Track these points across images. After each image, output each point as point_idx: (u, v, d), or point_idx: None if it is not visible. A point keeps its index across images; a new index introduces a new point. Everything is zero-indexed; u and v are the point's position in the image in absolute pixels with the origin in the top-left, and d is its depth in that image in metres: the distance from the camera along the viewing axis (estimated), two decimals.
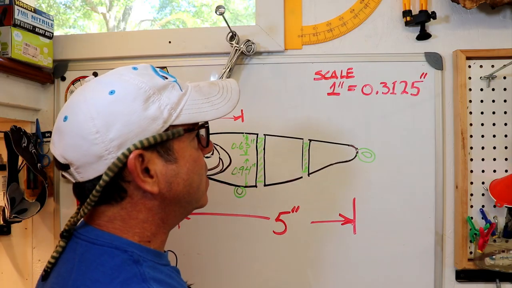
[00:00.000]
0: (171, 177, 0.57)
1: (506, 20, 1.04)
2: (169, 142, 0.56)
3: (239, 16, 1.82)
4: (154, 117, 0.54)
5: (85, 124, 0.52)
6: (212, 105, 0.61)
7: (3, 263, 1.12)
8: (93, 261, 0.53)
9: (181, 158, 0.58)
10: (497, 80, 1.02)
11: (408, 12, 1.03)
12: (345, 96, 1.05)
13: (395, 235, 1.03)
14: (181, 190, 0.58)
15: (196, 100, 0.60)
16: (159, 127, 0.55)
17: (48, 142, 1.10)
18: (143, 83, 0.55)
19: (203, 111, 0.60)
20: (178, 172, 0.57)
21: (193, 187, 0.60)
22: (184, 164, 0.58)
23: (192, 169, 0.60)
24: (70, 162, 0.54)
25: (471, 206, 1.02)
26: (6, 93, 0.97)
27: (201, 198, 0.64)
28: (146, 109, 0.54)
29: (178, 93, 0.58)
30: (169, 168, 0.56)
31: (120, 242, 0.55)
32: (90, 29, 2.10)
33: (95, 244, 0.54)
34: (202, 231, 1.06)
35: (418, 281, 1.02)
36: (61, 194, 1.10)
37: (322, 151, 1.05)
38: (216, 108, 0.62)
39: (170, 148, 0.56)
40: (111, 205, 0.56)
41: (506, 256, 0.97)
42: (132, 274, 0.51)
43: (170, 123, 0.56)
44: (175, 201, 0.59)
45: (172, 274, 0.58)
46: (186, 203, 0.61)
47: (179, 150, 0.57)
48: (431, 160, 1.03)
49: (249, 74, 1.06)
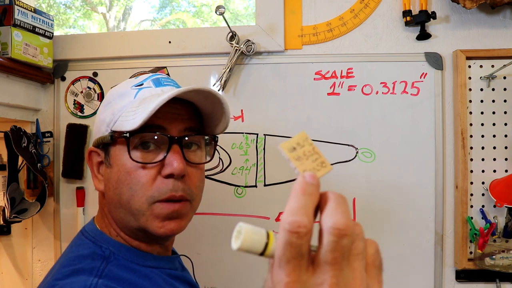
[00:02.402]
0: (106, 180, 0.60)
1: (506, 20, 1.04)
2: (109, 147, 0.59)
3: (239, 16, 1.82)
4: (103, 120, 0.60)
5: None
6: (135, 113, 0.55)
7: (3, 263, 1.12)
8: (70, 249, 0.59)
9: (115, 165, 0.58)
10: (497, 80, 1.02)
11: (408, 12, 1.03)
12: (345, 96, 1.05)
13: (395, 235, 1.03)
14: (111, 196, 0.59)
15: (131, 107, 0.57)
16: (104, 130, 0.59)
17: (48, 142, 1.10)
18: (115, 89, 0.62)
19: (127, 119, 0.55)
20: (111, 177, 0.59)
21: (122, 199, 0.56)
22: (116, 172, 0.58)
23: (123, 179, 0.56)
24: None
25: (471, 206, 1.02)
26: (6, 93, 0.97)
27: (141, 218, 0.56)
28: (103, 112, 0.61)
29: (129, 99, 0.58)
30: (107, 171, 0.60)
31: (102, 237, 0.59)
32: (90, 29, 2.10)
33: (83, 235, 0.60)
34: (202, 231, 1.06)
35: (418, 281, 1.02)
36: (61, 194, 1.10)
37: (322, 151, 1.04)
38: (133, 118, 0.54)
39: (108, 153, 0.59)
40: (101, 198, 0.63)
41: (506, 256, 0.97)
42: (89, 267, 0.52)
43: (111, 128, 0.58)
44: (116, 203, 0.58)
45: (156, 277, 0.56)
46: (126, 212, 0.57)
47: (114, 156, 0.59)
48: (431, 160, 1.03)
49: (249, 74, 1.06)
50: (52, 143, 1.10)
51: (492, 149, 1.02)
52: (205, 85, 1.03)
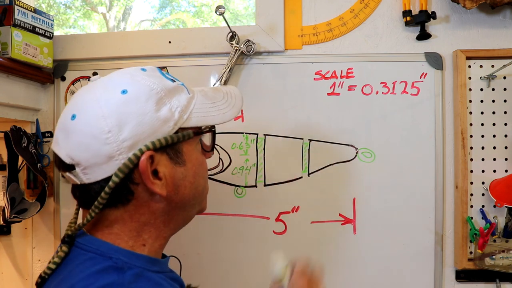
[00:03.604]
0: (179, 180, 0.57)
1: (506, 20, 1.04)
2: (178, 145, 0.56)
3: (239, 16, 1.82)
4: (166, 119, 0.54)
5: (97, 123, 0.51)
6: (219, 109, 0.62)
7: (3, 263, 1.12)
8: (75, 267, 0.52)
9: (189, 161, 0.58)
10: (497, 80, 1.02)
11: (408, 12, 1.03)
12: (345, 96, 1.05)
13: (395, 235, 1.03)
14: (187, 194, 0.58)
15: (204, 104, 0.61)
16: (170, 129, 0.54)
17: (48, 142, 1.10)
18: (155, 84, 0.55)
19: (211, 115, 0.60)
20: (186, 175, 0.57)
21: (198, 190, 0.60)
22: (191, 167, 0.58)
23: (198, 172, 0.60)
24: (78, 162, 0.52)
25: (471, 206, 1.02)
26: (6, 93, 0.97)
27: (203, 201, 0.65)
28: (159, 110, 0.53)
29: (187, 96, 0.59)
30: (178, 170, 0.56)
31: (107, 248, 0.54)
32: (90, 29, 2.10)
33: (82, 250, 0.54)
34: (202, 231, 1.06)
35: (418, 281, 1.02)
36: (61, 194, 1.10)
37: (322, 151, 1.05)
38: (223, 113, 0.63)
39: (179, 151, 0.56)
40: (115, 208, 0.55)
41: (506, 256, 0.97)
42: (109, 281, 0.49)
43: (180, 126, 0.55)
44: (180, 205, 0.58)
45: (164, 282, 0.56)
46: (190, 207, 0.61)
47: (187, 153, 0.58)
48: (431, 160, 1.03)
49: (249, 74, 1.06)
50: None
51: (492, 149, 1.02)
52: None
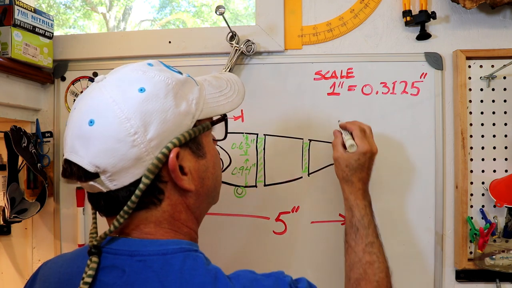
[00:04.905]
0: (203, 172, 0.57)
1: (506, 20, 1.04)
2: (198, 137, 0.56)
3: (239, 16, 1.82)
4: (186, 112, 0.53)
5: (120, 126, 0.48)
6: (226, 97, 0.62)
7: (3, 263, 1.12)
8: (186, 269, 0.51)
9: (208, 153, 0.58)
10: (497, 80, 1.02)
11: (408, 12, 1.03)
12: (345, 96, 1.05)
13: (395, 235, 1.03)
14: (211, 185, 0.59)
15: (212, 94, 0.61)
16: (189, 123, 0.54)
17: (48, 142, 1.10)
18: (169, 78, 0.54)
19: (221, 104, 0.61)
20: (208, 166, 0.58)
21: (218, 181, 0.62)
22: (211, 158, 0.59)
23: (217, 162, 0.61)
24: (104, 169, 0.49)
25: (471, 206, 1.02)
26: (6, 93, 0.97)
27: (219, 191, 0.65)
28: (178, 105, 0.52)
29: (197, 87, 0.58)
30: (200, 163, 0.57)
31: (183, 244, 0.55)
32: (90, 29, 2.10)
33: (168, 254, 0.52)
34: (201, 231, 1.05)
35: (418, 281, 1.02)
36: (61, 194, 1.10)
37: (322, 151, 1.05)
38: (231, 100, 0.63)
39: (200, 143, 0.57)
40: (149, 210, 0.53)
41: (506, 256, 0.97)
42: (215, 269, 0.52)
43: (197, 118, 0.55)
44: (205, 196, 0.59)
45: None
46: (212, 198, 0.62)
47: (207, 145, 0.58)
48: (431, 160, 1.03)
49: (249, 74, 1.06)
50: (52, 143, 1.10)
51: (492, 149, 1.02)
52: None
